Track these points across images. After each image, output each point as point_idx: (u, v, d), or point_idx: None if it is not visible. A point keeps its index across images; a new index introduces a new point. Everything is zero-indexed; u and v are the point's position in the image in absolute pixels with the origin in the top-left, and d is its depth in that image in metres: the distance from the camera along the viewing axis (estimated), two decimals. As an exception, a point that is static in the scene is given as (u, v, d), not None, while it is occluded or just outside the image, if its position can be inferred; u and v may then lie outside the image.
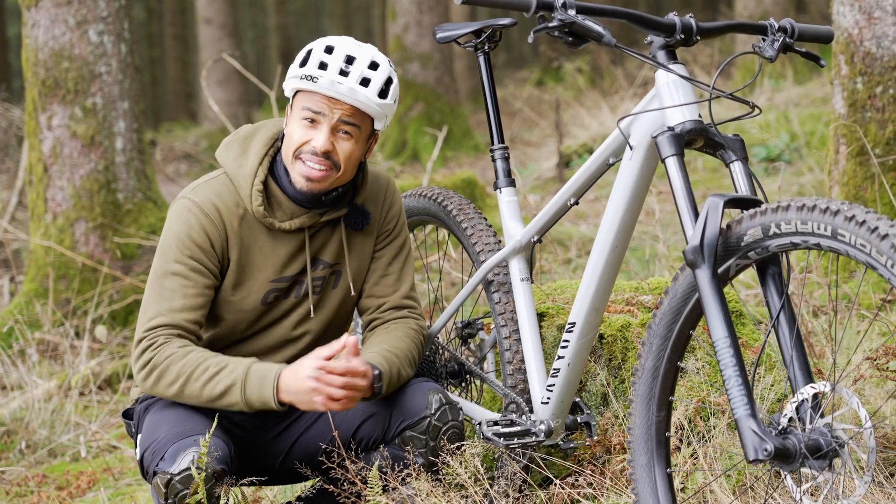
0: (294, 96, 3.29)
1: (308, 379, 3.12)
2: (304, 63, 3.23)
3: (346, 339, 3.12)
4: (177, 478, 3.09)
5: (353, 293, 3.46)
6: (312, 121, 3.24)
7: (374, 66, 3.24)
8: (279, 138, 3.39)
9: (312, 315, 3.43)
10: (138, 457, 3.30)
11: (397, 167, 12.44)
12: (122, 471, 5.06)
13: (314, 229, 3.39)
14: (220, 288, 3.36)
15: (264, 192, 3.33)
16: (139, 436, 3.33)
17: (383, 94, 3.25)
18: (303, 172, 3.26)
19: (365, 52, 3.26)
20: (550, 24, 2.86)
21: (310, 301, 3.43)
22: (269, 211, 3.34)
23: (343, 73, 3.20)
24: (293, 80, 3.25)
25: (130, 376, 6.32)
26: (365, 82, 3.21)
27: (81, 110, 7.33)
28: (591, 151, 10.66)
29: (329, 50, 3.23)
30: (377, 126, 3.30)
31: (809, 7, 19.23)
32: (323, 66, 3.20)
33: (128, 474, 5.02)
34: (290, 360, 3.45)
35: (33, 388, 5.95)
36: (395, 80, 3.29)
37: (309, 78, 3.20)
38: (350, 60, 3.22)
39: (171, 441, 3.17)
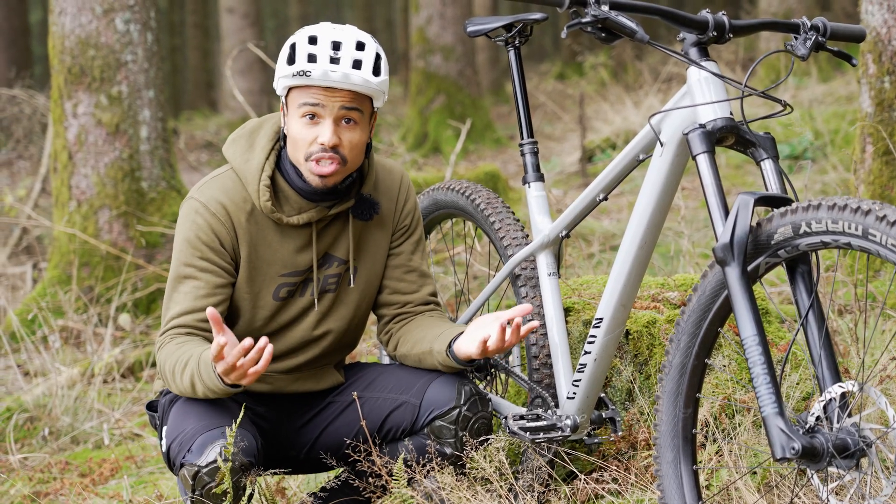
0: (287, 94, 3.26)
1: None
2: (291, 60, 3.19)
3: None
4: (204, 470, 3.09)
5: (351, 285, 3.44)
6: (313, 116, 3.20)
7: (360, 46, 3.20)
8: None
9: (316, 307, 3.41)
10: (164, 448, 3.29)
11: (420, 159, 12.44)
12: (145, 459, 5.08)
13: (323, 223, 3.37)
14: (235, 284, 3.35)
15: (271, 187, 3.32)
16: (165, 427, 3.32)
17: (376, 71, 3.21)
18: (314, 170, 3.22)
19: (349, 34, 3.22)
20: (584, 20, 2.86)
21: (326, 298, 3.42)
22: (276, 206, 3.32)
23: (333, 60, 3.16)
24: (284, 79, 3.21)
25: (153, 365, 6.34)
26: (357, 64, 3.18)
27: (107, 98, 7.35)
28: (614, 146, 10.63)
29: (313, 40, 3.19)
30: (377, 105, 3.28)
31: (833, 5, 19.14)
32: (312, 58, 3.16)
33: (150, 462, 5.03)
34: (313, 361, 3.46)
35: (56, 375, 5.97)
36: (384, 55, 3.26)
37: (301, 74, 3.17)
38: (337, 46, 3.18)
39: (198, 433, 3.17)
